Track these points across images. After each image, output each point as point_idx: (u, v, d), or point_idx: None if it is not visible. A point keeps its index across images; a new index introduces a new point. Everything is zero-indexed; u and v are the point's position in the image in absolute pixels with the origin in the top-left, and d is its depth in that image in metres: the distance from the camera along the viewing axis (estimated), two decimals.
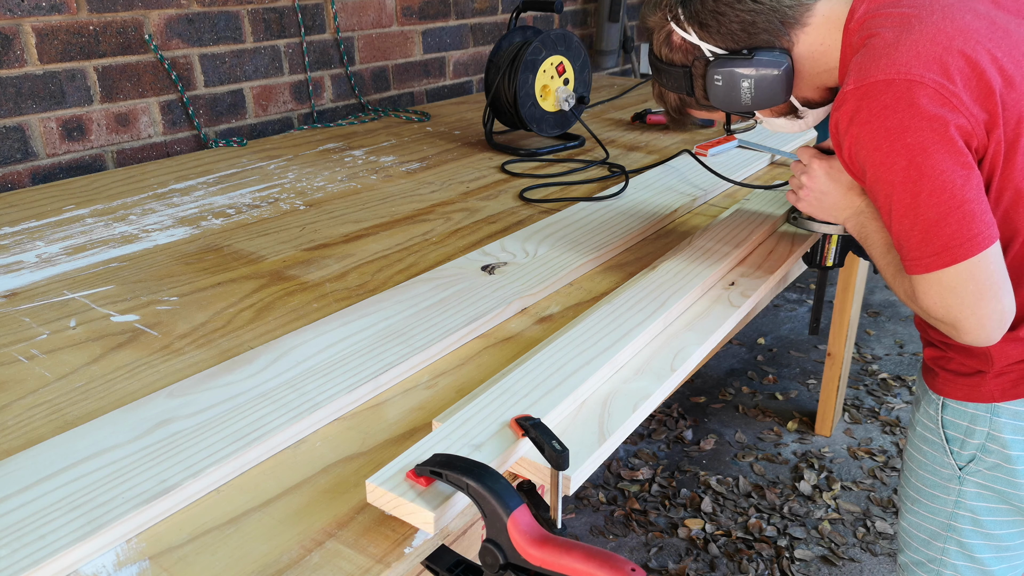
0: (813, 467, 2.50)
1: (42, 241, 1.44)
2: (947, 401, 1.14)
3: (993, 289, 0.93)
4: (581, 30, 3.49)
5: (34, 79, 1.79)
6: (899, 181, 0.92)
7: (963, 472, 1.14)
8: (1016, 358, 1.06)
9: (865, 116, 0.92)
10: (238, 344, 1.07)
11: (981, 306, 0.93)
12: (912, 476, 1.24)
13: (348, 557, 0.69)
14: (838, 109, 0.96)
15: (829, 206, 1.16)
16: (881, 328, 3.37)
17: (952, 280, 0.93)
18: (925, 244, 0.93)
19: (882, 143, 0.92)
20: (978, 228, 0.91)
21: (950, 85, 0.89)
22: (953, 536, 1.19)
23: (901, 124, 0.90)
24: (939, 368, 1.15)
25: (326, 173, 1.85)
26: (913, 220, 0.93)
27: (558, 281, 1.23)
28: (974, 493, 1.14)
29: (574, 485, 0.77)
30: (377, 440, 0.86)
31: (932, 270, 0.93)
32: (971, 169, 0.91)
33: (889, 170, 0.92)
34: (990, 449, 1.11)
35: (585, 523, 2.30)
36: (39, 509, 0.72)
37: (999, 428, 1.09)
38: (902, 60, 0.91)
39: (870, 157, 0.94)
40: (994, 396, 1.09)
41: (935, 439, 1.17)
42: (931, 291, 0.95)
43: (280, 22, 2.25)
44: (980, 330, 0.94)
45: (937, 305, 0.95)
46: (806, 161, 1.17)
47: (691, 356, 1.01)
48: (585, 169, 1.87)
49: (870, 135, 0.93)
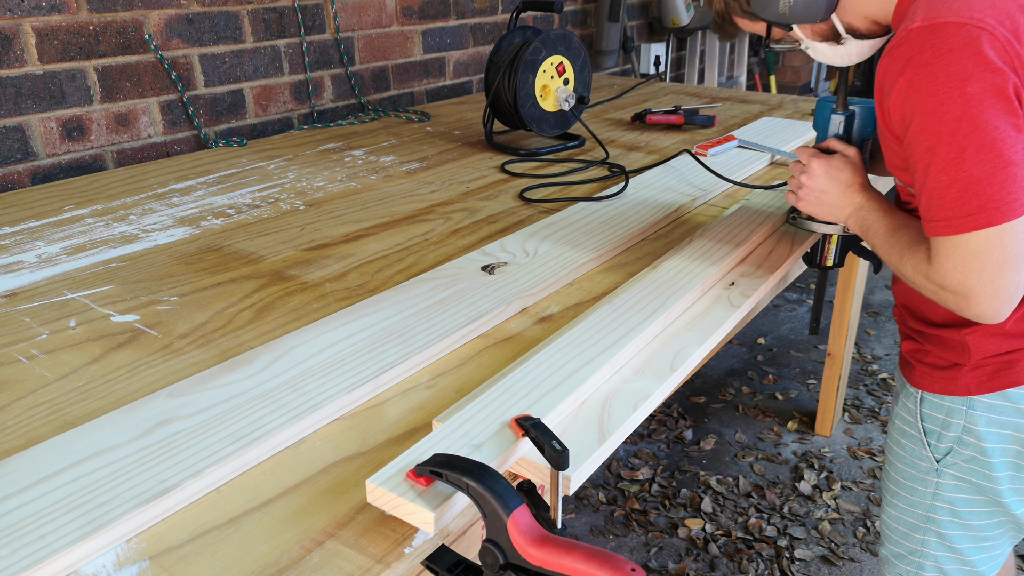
0: (813, 467, 2.50)
1: (42, 241, 1.44)
2: (924, 394, 1.15)
3: (1016, 260, 0.89)
4: (581, 30, 3.49)
5: (34, 79, 1.79)
6: (948, 132, 0.88)
7: (940, 465, 1.15)
8: (992, 351, 1.06)
9: (927, 58, 0.88)
10: (238, 344, 1.07)
11: (1001, 276, 0.90)
12: (892, 469, 1.25)
13: (348, 557, 0.69)
14: (896, 47, 0.92)
15: (829, 205, 1.15)
16: (881, 328, 3.37)
17: (980, 244, 0.89)
18: (961, 202, 0.89)
19: (939, 88, 0.88)
20: (1018, 194, 0.87)
21: (1016, 44, 0.87)
22: (932, 528, 1.19)
23: (964, 71, 0.86)
24: (916, 361, 1.16)
25: (326, 173, 1.85)
26: (954, 175, 0.89)
27: (558, 281, 1.23)
28: (951, 485, 1.15)
29: (574, 485, 0.78)
30: (377, 440, 0.86)
31: (962, 231, 0.89)
32: (1022, 132, 0.87)
33: (940, 119, 0.88)
34: (966, 442, 1.11)
35: (585, 523, 2.30)
36: (39, 509, 0.72)
37: (974, 421, 1.10)
38: (976, 6, 0.88)
39: (922, 103, 0.89)
40: (970, 389, 1.09)
41: (913, 432, 1.18)
42: (953, 255, 0.91)
43: (280, 22, 2.25)
44: (993, 300, 0.91)
45: (956, 270, 0.92)
46: (805, 161, 1.17)
47: (691, 356, 1.01)
48: (585, 169, 1.87)
49: (928, 78, 0.88)
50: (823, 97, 1.27)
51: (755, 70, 4.88)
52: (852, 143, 1.24)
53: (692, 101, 2.64)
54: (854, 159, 1.16)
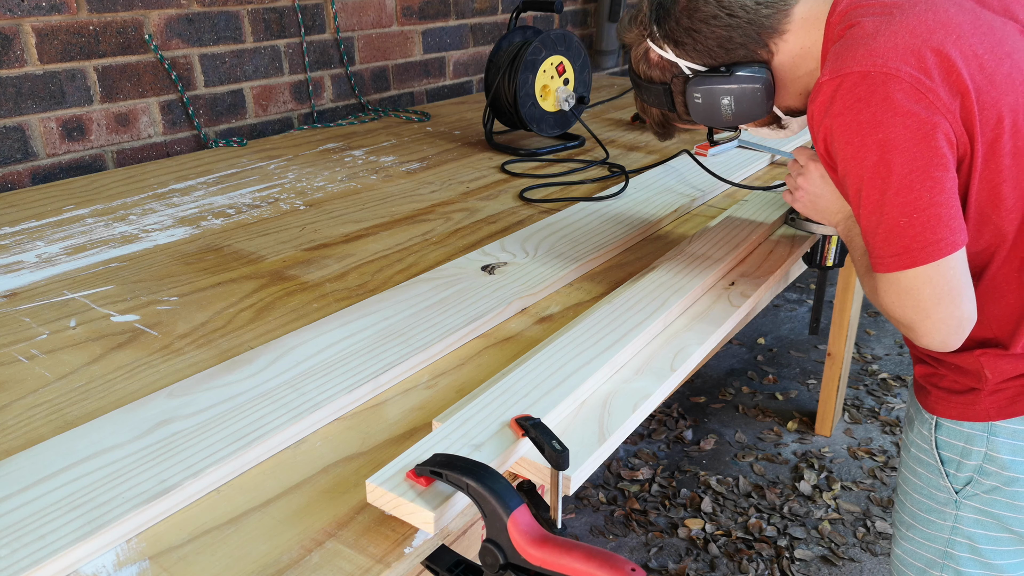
0: (813, 467, 2.50)
1: (42, 241, 1.44)
2: (941, 420, 1.09)
3: (952, 295, 0.90)
4: (581, 30, 3.49)
5: (34, 79, 1.79)
6: (868, 177, 0.90)
7: (959, 496, 1.09)
8: (1011, 374, 1.02)
9: (839, 108, 0.90)
10: (238, 344, 1.07)
11: (938, 311, 0.91)
12: (907, 500, 1.19)
13: (348, 557, 0.69)
14: (813, 100, 0.94)
15: (823, 208, 1.14)
16: (881, 328, 3.37)
17: (910, 282, 0.91)
18: (888, 244, 0.91)
19: (854, 137, 0.90)
20: (942, 233, 0.88)
21: (927, 80, 0.87)
22: (950, 564, 1.13)
23: (874, 119, 0.88)
24: (931, 386, 1.11)
25: (326, 173, 1.85)
26: (879, 218, 0.90)
27: (558, 281, 1.23)
28: (972, 519, 1.09)
29: (574, 485, 0.77)
30: (377, 440, 0.86)
31: (892, 270, 0.92)
32: (945, 171, 0.88)
33: (859, 165, 0.90)
34: (988, 471, 1.06)
35: (585, 523, 2.30)
36: (39, 509, 0.72)
37: (996, 448, 1.04)
38: (879, 51, 0.88)
39: (842, 150, 0.92)
40: (990, 415, 1.04)
41: (930, 460, 1.12)
42: (890, 291, 0.93)
43: (280, 22, 2.25)
44: (935, 334, 0.93)
45: (894, 305, 0.94)
46: (803, 162, 1.16)
47: (691, 356, 1.01)
48: (585, 169, 1.87)
49: (842, 127, 0.90)
50: None
51: None
52: None
53: None
54: None
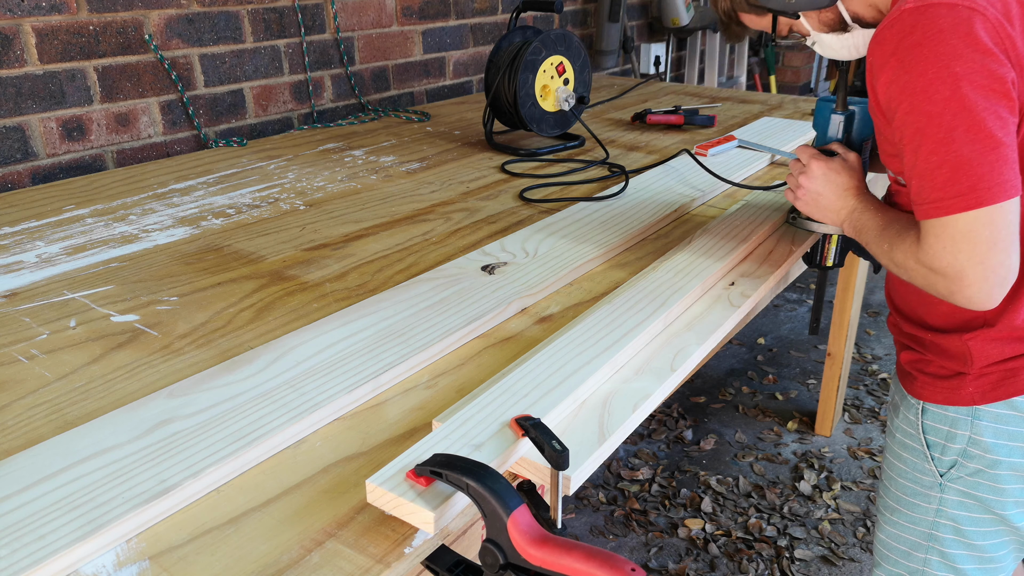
0: (813, 467, 2.50)
1: (42, 241, 1.44)
2: (927, 405, 1.11)
3: (1007, 241, 0.88)
4: (581, 30, 3.49)
5: (34, 79, 1.79)
6: (937, 112, 0.87)
7: (944, 479, 1.11)
8: (996, 358, 1.03)
9: (917, 38, 0.87)
10: (238, 344, 1.07)
11: (991, 257, 0.88)
12: (891, 485, 1.20)
13: (348, 557, 0.69)
14: (887, 28, 0.91)
15: (824, 207, 1.14)
16: (881, 328, 3.37)
17: (969, 225, 0.88)
18: (951, 183, 0.87)
19: (928, 68, 0.87)
20: (1008, 175, 0.86)
21: (1007, 25, 0.86)
22: (935, 547, 1.15)
23: (953, 51, 0.85)
24: (917, 372, 1.12)
25: (326, 173, 1.85)
26: (944, 155, 0.87)
27: (558, 281, 1.23)
28: (956, 501, 1.11)
29: (574, 485, 0.78)
30: (377, 440, 0.86)
31: (952, 212, 0.88)
32: (1012, 114, 0.87)
33: (929, 99, 0.87)
34: (971, 454, 1.08)
35: (585, 523, 2.30)
36: (39, 509, 0.72)
37: (980, 432, 1.06)
38: None
39: (911, 84, 0.88)
40: (974, 399, 1.06)
41: (915, 445, 1.14)
42: (943, 235, 0.90)
43: (280, 22, 2.25)
44: (984, 282, 0.89)
45: (946, 251, 0.90)
46: (805, 161, 1.16)
47: (691, 356, 1.01)
48: (585, 169, 1.87)
49: (918, 60, 0.87)
50: (823, 97, 1.27)
51: (755, 70, 4.88)
52: (852, 143, 1.24)
53: (692, 101, 2.64)
54: (853, 163, 1.15)
